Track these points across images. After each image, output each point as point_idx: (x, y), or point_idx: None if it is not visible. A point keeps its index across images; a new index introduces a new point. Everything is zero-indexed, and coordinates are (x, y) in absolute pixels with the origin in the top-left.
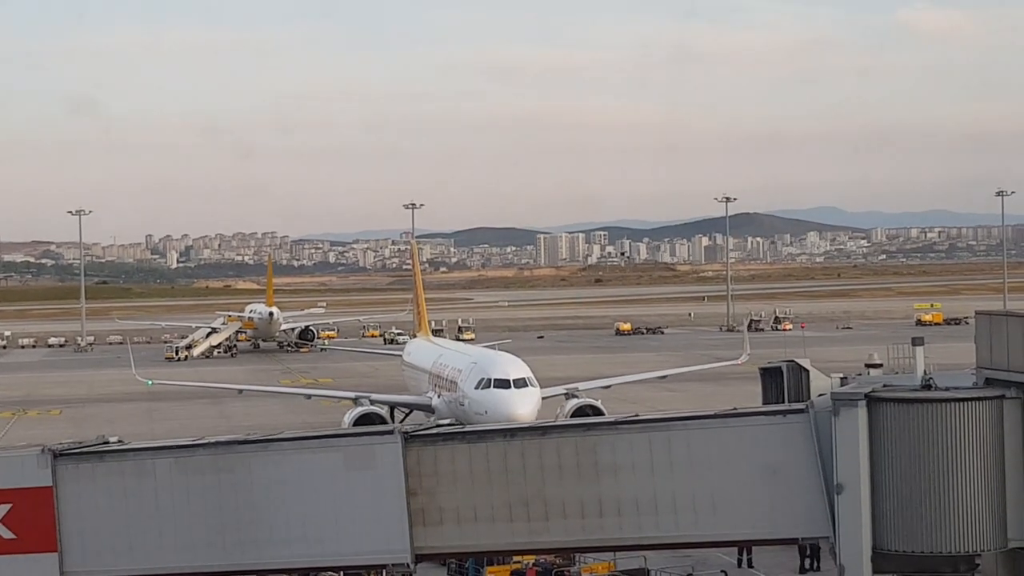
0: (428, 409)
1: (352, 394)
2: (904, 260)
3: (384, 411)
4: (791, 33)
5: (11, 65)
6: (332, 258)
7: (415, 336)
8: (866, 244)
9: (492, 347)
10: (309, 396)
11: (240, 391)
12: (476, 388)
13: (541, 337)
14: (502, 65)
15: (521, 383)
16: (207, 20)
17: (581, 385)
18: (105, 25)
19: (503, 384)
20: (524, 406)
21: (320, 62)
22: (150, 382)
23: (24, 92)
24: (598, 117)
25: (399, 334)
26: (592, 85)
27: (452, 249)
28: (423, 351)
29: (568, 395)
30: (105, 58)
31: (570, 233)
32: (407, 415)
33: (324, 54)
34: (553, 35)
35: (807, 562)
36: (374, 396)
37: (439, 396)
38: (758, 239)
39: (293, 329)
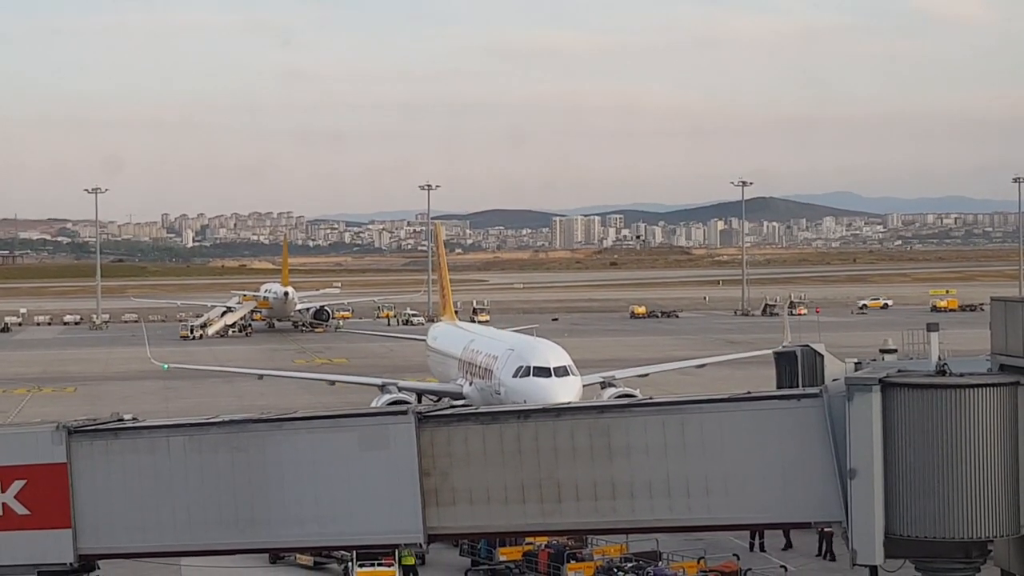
0: (459, 397)
1: (379, 380)
2: (920, 246)
3: (412, 398)
4: (809, 18)
5: (30, 43)
6: (347, 238)
7: (439, 320)
8: (882, 229)
9: (530, 332)
10: (333, 382)
11: (260, 376)
12: (514, 376)
13: (556, 319)
14: (519, 47)
15: (562, 371)
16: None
17: (618, 373)
18: (124, 2)
19: (543, 372)
20: (565, 396)
21: (338, 43)
22: (166, 366)
23: (41, 70)
24: (615, 100)
25: (413, 315)
26: (610, 69)
27: (467, 231)
28: (451, 336)
29: (605, 384)
30: (124, 36)
31: (586, 216)
32: (435, 403)
33: (342, 36)
34: (572, 18)
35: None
36: (401, 383)
37: (471, 384)
38: (774, 223)
39: (308, 309)
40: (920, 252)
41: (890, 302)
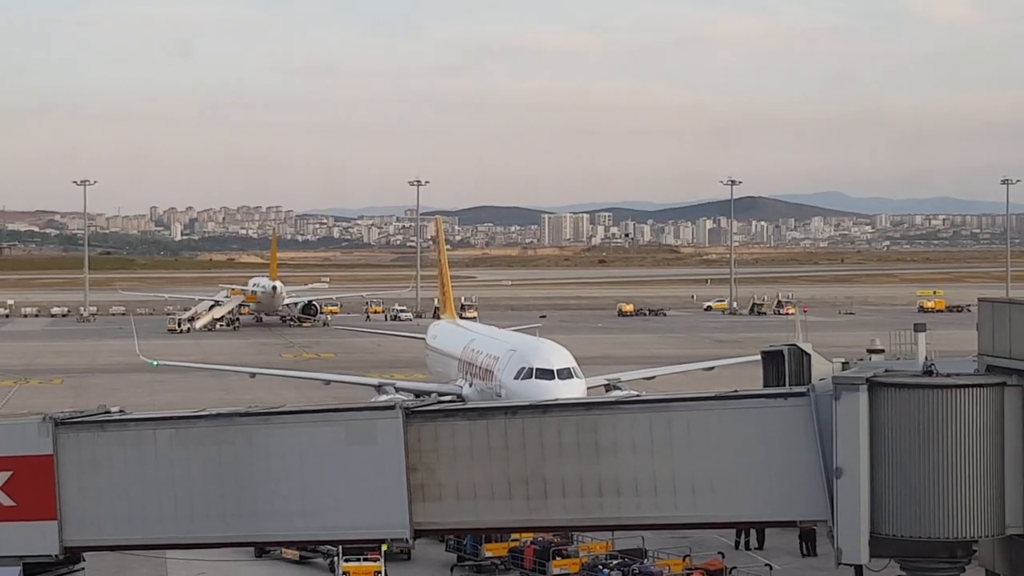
0: (458, 398)
1: (375, 381)
2: (908, 246)
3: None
4: (799, 18)
5: (20, 35)
6: (336, 233)
7: (439, 318)
8: (870, 230)
9: (532, 332)
10: (328, 382)
11: (253, 375)
12: (516, 378)
13: (543, 316)
14: (511, 44)
15: (566, 373)
16: None
17: (624, 375)
18: None
19: (546, 374)
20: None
21: (330, 38)
22: (155, 363)
23: (31, 61)
24: (605, 98)
25: (401, 310)
26: (600, 66)
27: (456, 227)
28: (451, 335)
29: (610, 386)
30: (113, 28)
31: (575, 213)
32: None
33: (334, 31)
34: (562, 16)
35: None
36: (399, 383)
37: (471, 385)
38: (762, 223)
39: (296, 303)
40: (908, 253)
41: (735, 304)
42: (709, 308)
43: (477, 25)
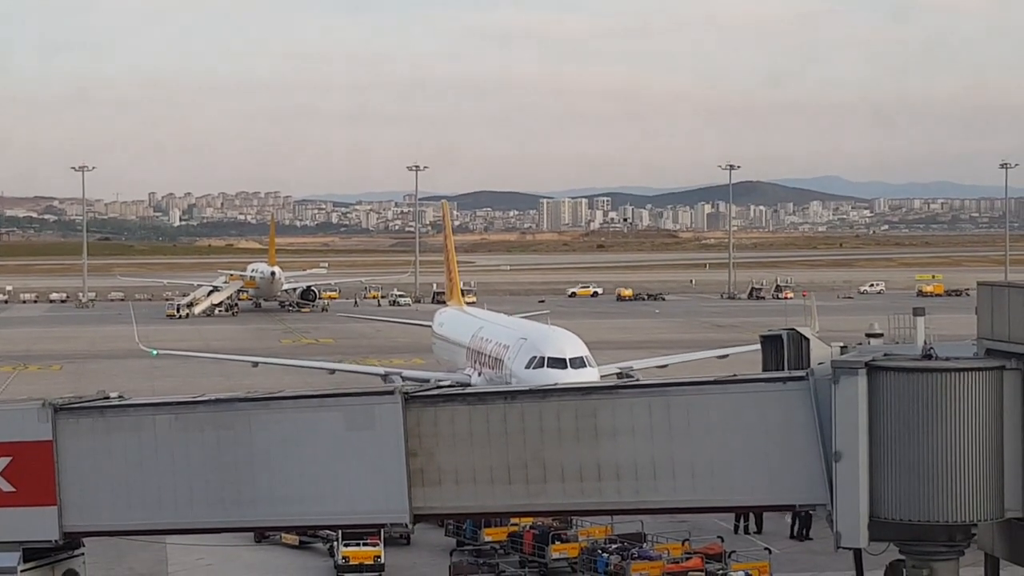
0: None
1: (381, 370)
2: (907, 231)
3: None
4: (798, 2)
5: (16, 19)
6: (335, 219)
7: (446, 305)
8: (869, 214)
9: (543, 320)
10: (333, 371)
11: (255, 364)
12: (526, 367)
13: (542, 301)
14: (508, 29)
15: (579, 363)
16: None
17: (636, 363)
18: None
19: (558, 364)
20: None
21: (326, 23)
22: (155, 352)
23: (29, 47)
24: (604, 82)
25: (400, 296)
26: (597, 51)
27: (455, 212)
28: (458, 322)
29: (622, 375)
30: (112, 13)
31: (573, 198)
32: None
33: (331, 15)
34: (562, 0)
35: (796, 529)
36: (405, 372)
37: (479, 374)
38: (761, 207)
39: (295, 289)
40: (906, 237)
41: (599, 290)
42: (573, 295)
43: (475, 11)
